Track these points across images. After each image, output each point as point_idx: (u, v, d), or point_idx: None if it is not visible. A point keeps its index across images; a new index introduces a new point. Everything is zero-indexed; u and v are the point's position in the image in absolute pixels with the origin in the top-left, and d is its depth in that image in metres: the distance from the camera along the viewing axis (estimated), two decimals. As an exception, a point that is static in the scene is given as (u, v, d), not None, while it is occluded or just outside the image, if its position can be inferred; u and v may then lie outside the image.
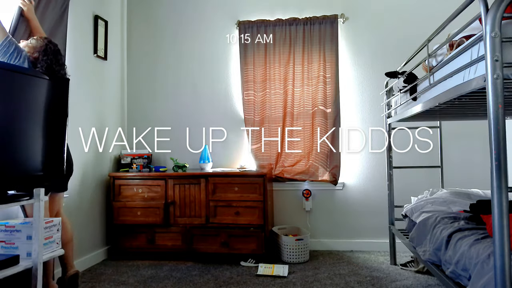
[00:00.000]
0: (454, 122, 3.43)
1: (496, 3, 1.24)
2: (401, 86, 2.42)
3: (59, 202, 2.52)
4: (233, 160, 3.77)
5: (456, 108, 2.09)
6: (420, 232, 2.26)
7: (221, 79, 3.82)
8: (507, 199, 1.24)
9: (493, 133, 1.25)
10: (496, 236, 1.24)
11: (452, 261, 1.73)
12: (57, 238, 2.21)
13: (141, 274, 2.95)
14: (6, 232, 2.03)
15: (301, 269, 3.01)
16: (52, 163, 2.01)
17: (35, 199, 1.97)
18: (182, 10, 3.90)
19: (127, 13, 3.97)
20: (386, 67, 3.33)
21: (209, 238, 3.21)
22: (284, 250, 3.19)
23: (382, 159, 3.49)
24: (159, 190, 3.30)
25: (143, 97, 3.93)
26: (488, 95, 1.26)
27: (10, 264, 1.86)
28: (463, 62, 1.53)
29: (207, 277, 2.87)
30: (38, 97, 1.91)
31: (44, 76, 1.93)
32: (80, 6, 3.13)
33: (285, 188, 3.63)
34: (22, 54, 2.17)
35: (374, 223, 3.54)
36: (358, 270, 2.96)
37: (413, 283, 2.64)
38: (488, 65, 1.25)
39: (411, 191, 3.33)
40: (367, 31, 3.62)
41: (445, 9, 3.33)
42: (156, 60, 3.93)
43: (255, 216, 3.16)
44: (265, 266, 2.97)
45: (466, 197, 2.60)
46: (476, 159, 3.46)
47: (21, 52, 2.17)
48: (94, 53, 3.34)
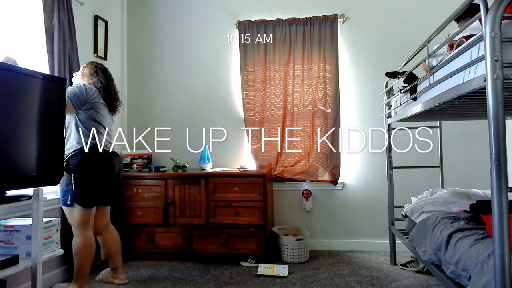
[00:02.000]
0: (454, 122, 3.43)
1: (496, 3, 1.23)
2: (401, 86, 2.41)
3: (107, 215, 2.73)
4: (233, 160, 3.77)
5: (456, 108, 2.08)
6: (420, 232, 2.26)
7: (221, 79, 3.82)
8: (507, 199, 1.23)
9: (493, 133, 1.25)
10: (496, 236, 1.24)
11: (452, 261, 1.73)
12: (56, 238, 2.21)
13: (141, 274, 2.94)
14: (6, 232, 2.03)
15: (301, 269, 3.00)
16: (50, 163, 2.01)
17: (34, 199, 1.97)
18: (182, 10, 3.90)
19: (127, 13, 3.97)
20: (386, 67, 3.32)
21: (209, 238, 3.21)
22: (284, 250, 3.18)
23: (382, 159, 3.49)
24: (159, 190, 3.30)
25: (143, 97, 3.93)
26: (488, 95, 1.26)
27: (10, 264, 1.86)
28: (463, 62, 1.53)
29: (207, 277, 2.87)
30: (35, 97, 1.91)
31: (39, 75, 1.92)
32: (80, 6, 3.13)
33: (285, 188, 3.63)
34: (92, 89, 2.52)
35: (374, 223, 3.53)
36: (358, 270, 2.96)
37: (413, 283, 2.64)
38: (488, 65, 1.25)
39: (411, 191, 3.33)
40: (367, 31, 3.62)
41: (445, 9, 3.33)
42: (156, 60, 3.93)
43: (255, 216, 3.16)
44: (265, 266, 2.97)
45: (466, 197, 2.60)
46: (476, 159, 3.45)
47: (91, 88, 2.52)
48: (94, 53, 3.34)
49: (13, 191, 1.93)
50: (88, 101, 2.46)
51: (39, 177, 1.93)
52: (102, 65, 2.68)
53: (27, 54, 2.64)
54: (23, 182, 1.86)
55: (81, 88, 2.45)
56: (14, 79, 1.76)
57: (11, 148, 1.75)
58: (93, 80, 2.58)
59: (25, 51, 2.62)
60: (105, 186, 2.56)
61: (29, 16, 2.66)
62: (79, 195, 2.39)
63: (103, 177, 2.52)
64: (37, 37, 2.72)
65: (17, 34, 2.56)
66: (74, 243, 2.47)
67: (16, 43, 2.54)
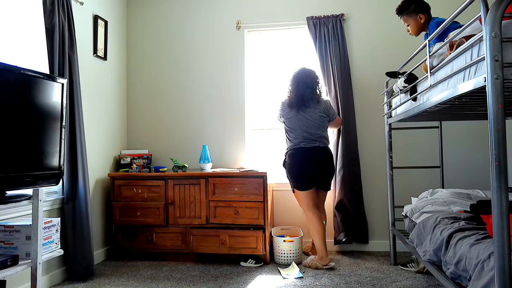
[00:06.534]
0: (454, 122, 3.42)
1: (496, 3, 1.23)
2: (401, 86, 2.41)
3: (323, 198, 3.19)
4: (233, 160, 3.77)
5: (456, 108, 2.08)
6: (420, 233, 2.26)
7: (221, 79, 3.82)
8: (507, 199, 1.23)
9: (493, 133, 1.24)
10: (496, 236, 1.24)
11: (452, 262, 1.73)
12: (56, 239, 2.21)
13: (141, 275, 2.94)
14: (5, 232, 2.02)
15: (301, 269, 3.00)
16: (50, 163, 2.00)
17: (34, 199, 1.96)
18: (182, 10, 3.90)
19: (127, 13, 3.97)
20: (386, 67, 3.32)
21: (209, 238, 3.21)
22: (284, 250, 3.18)
23: (382, 159, 3.49)
24: (159, 190, 3.30)
25: (142, 97, 3.93)
26: (488, 95, 1.26)
27: (10, 264, 1.85)
28: (463, 62, 1.53)
29: (207, 277, 2.86)
30: (35, 96, 1.90)
31: (39, 75, 1.92)
32: (80, 6, 3.13)
33: (285, 188, 3.63)
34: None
35: (374, 223, 3.53)
36: (358, 270, 2.95)
37: (413, 284, 2.64)
38: (488, 65, 1.25)
39: (411, 191, 3.33)
40: (367, 31, 3.61)
41: (445, 9, 3.33)
42: (156, 60, 3.93)
43: (255, 216, 3.16)
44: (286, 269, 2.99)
45: (466, 198, 2.60)
46: (476, 159, 3.45)
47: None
48: (94, 53, 3.34)
49: (13, 191, 1.93)
50: None
51: (39, 177, 1.93)
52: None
53: (27, 54, 2.64)
54: (23, 182, 1.85)
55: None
56: (14, 79, 1.76)
57: (11, 148, 1.75)
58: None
59: (25, 51, 2.62)
60: None
61: (29, 16, 2.66)
62: None
63: None
64: (37, 37, 2.72)
65: (17, 34, 2.56)
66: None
67: (16, 43, 2.54)
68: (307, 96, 3.02)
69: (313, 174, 2.99)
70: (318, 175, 3.01)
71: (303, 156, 2.98)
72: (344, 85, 3.47)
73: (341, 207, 3.43)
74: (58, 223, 2.24)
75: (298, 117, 3.01)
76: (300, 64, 3.22)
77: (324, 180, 3.07)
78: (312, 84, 3.04)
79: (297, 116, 3.02)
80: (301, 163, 2.98)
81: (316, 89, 3.07)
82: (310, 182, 2.99)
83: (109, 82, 3.60)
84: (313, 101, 3.03)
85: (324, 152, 3.02)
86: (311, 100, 3.03)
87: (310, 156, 2.97)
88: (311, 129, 3.00)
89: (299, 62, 3.64)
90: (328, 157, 3.04)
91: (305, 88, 3.02)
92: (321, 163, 3.00)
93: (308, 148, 2.97)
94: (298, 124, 3.01)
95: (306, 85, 3.02)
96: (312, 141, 2.99)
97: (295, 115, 3.02)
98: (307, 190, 3.00)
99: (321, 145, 3.00)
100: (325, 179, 3.07)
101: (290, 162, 3.01)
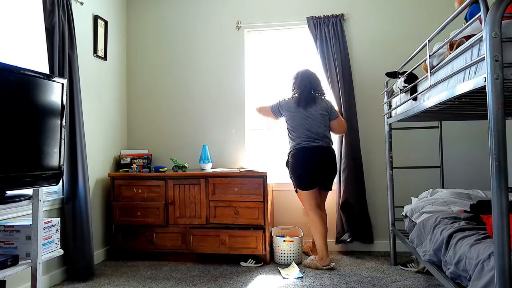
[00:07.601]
0: (454, 122, 3.42)
1: (496, 3, 1.23)
2: (401, 86, 2.41)
3: (324, 199, 3.18)
4: (233, 160, 3.77)
5: (456, 108, 2.08)
6: (420, 233, 2.26)
7: (221, 79, 3.82)
8: (507, 199, 1.23)
9: (493, 133, 1.24)
10: (496, 236, 1.24)
11: (452, 262, 1.73)
12: (56, 239, 2.21)
13: (141, 275, 2.94)
14: (5, 232, 2.02)
15: (301, 269, 3.00)
16: (50, 163, 2.00)
17: (34, 199, 1.96)
18: (182, 10, 3.90)
19: (127, 13, 3.97)
20: (386, 67, 3.32)
21: (209, 238, 3.21)
22: (284, 250, 3.18)
23: (382, 159, 3.49)
24: (159, 190, 3.30)
25: (142, 97, 3.93)
26: (488, 95, 1.26)
27: (10, 264, 1.85)
28: (464, 62, 1.53)
29: (207, 277, 2.86)
30: (35, 96, 1.90)
31: (39, 75, 1.92)
32: (80, 6, 3.13)
33: (285, 188, 3.63)
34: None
35: (374, 223, 3.53)
36: (358, 270, 2.95)
37: (413, 284, 2.64)
38: (488, 65, 1.25)
39: (411, 191, 3.33)
40: (367, 31, 3.61)
41: (445, 9, 3.33)
42: (156, 60, 3.93)
43: (255, 216, 3.16)
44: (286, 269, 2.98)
45: (466, 197, 2.60)
46: (476, 159, 3.45)
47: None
48: (94, 53, 3.34)
49: (13, 191, 1.93)
50: None
51: (39, 177, 1.93)
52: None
53: (27, 54, 2.64)
54: (23, 182, 1.85)
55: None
56: (14, 79, 1.76)
57: (11, 148, 1.75)
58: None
59: (25, 51, 2.62)
60: None
61: (29, 16, 2.66)
62: None
63: None
64: (37, 37, 2.72)
65: (17, 34, 2.56)
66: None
67: (16, 43, 2.54)
68: (311, 95, 3.03)
69: (315, 174, 2.98)
70: (320, 174, 3.01)
71: (305, 155, 2.97)
72: (346, 85, 3.47)
73: (346, 207, 3.42)
74: (58, 223, 2.24)
75: (300, 116, 3.01)
76: (301, 64, 3.23)
77: (326, 180, 3.07)
78: (315, 84, 3.06)
79: (300, 115, 3.01)
80: (303, 162, 2.97)
81: (319, 89, 3.08)
82: (313, 181, 2.99)
83: (109, 82, 3.60)
84: (316, 100, 3.04)
85: (327, 151, 3.02)
86: (314, 100, 3.03)
87: (312, 156, 2.97)
88: (313, 127, 2.99)
89: (299, 62, 3.65)
90: (330, 157, 3.03)
91: (309, 87, 3.03)
92: (323, 163, 3.00)
93: (310, 147, 2.97)
94: (300, 123, 3.01)
95: (310, 84, 3.04)
96: (315, 140, 2.99)
97: (297, 113, 3.02)
98: (310, 190, 3.00)
99: (324, 144, 3.00)
100: (327, 179, 3.07)
101: (293, 162, 3.01)
